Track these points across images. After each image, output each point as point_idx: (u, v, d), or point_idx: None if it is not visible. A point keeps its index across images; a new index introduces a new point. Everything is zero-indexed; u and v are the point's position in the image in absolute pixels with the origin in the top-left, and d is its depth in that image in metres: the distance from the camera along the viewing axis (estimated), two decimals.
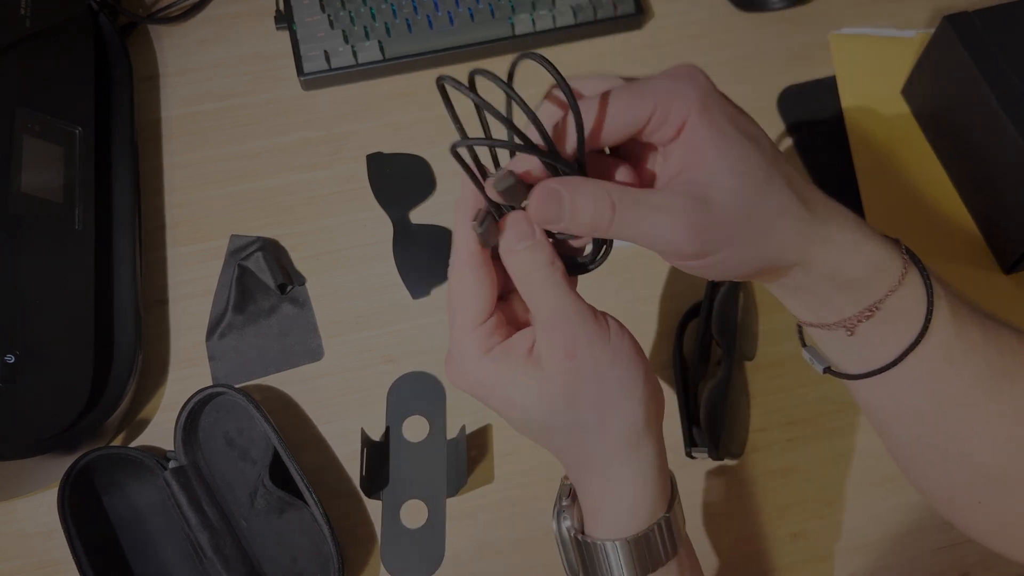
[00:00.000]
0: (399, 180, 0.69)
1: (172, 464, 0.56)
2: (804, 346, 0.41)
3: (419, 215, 0.67)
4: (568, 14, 0.73)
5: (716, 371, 0.58)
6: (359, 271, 0.65)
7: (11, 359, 0.53)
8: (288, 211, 0.68)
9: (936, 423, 0.36)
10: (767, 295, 0.58)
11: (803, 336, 0.40)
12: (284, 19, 0.74)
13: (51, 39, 0.64)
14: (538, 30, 0.73)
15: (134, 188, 0.66)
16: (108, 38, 0.71)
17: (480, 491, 0.58)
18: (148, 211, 0.68)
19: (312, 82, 0.72)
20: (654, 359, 0.62)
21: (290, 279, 0.64)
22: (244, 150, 0.70)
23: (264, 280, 0.63)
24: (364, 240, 0.67)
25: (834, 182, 0.67)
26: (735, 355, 0.58)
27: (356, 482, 0.58)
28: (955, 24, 0.61)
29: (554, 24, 0.73)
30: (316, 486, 0.54)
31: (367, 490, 0.56)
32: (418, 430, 0.60)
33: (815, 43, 0.74)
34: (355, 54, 0.72)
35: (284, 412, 0.61)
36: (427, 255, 0.66)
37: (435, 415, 0.60)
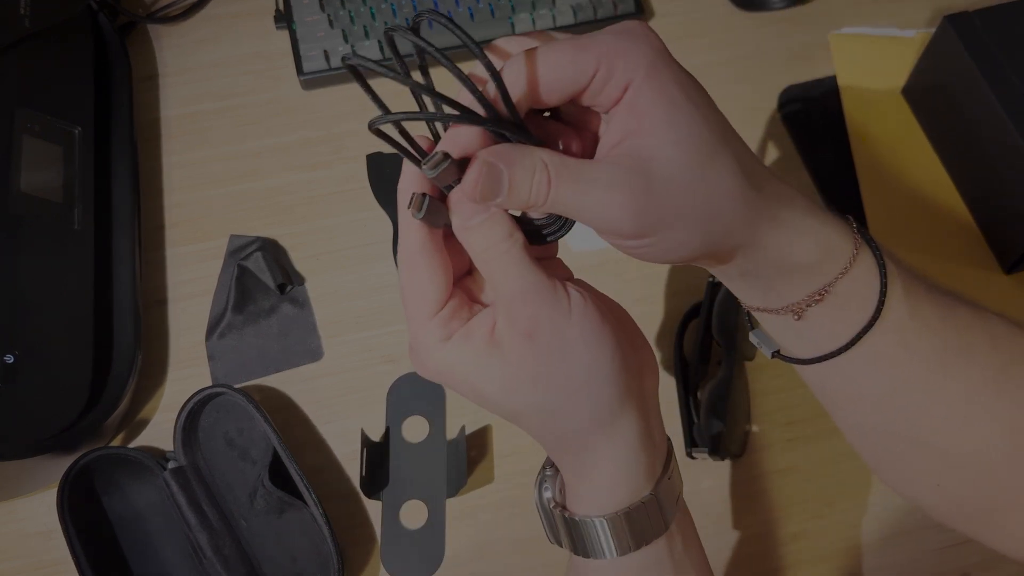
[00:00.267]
0: (398, 180, 0.69)
1: (172, 464, 0.56)
2: (752, 329, 0.39)
3: None
4: (568, 13, 0.73)
5: (716, 371, 0.58)
6: (359, 271, 0.65)
7: (11, 359, 0.53)
8: (288, 211, 0.68)
9: (891, 407, 0.35)
10: None
11: (751, 319, 0.39)
12: (284, 18, 0.74)
13: (51, 39, 0.64)
14: (538, 29, 0.73)
15: (133, 188, 0.66)
16: (107, 38, 0.71)
17: (480, 491, 0.58)
18: (147, 211, 0.68)
19: (312, 82, 0.72)
20: None
21: (290, 279, 0.64)
22: (244, 150, 0.70)
23: (264, 280, 0.63)
24: (364, 240, 0.67)
25: (835, 182, 0.67)
26: (735, 355, 0.58)
27: (356, 482, 0.58)
28: (955, 24, 0.61)
29: (554, 23, 0.73)
30: (316, 486, 0.54)
31: (367, 490, 0.56)
32: (418, 430, 0.60)
33: (815, 43, 0.74)
34: (355, 54, 0.71)
35: (284, 412, 0.61)
36: None
37: (435, 415, 0.60)
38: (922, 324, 0.34)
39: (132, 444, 0.60)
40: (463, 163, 0.30)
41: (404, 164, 0.32)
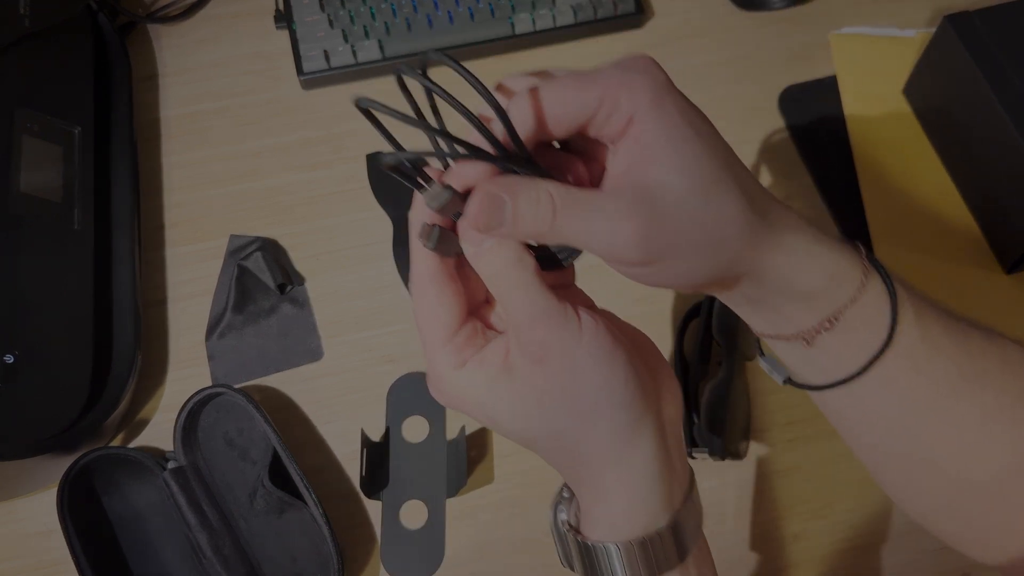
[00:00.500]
0: (398, 180, 0.69)
1: (171, 464, 0.56)
2: (761, 356, 0.39)
3: None
4: (568, 13, 0.73)
5: (717, 371, 0.58)
6: (359, 271, 0.65)
7: (10, 359, 0.53)
8: (287, 211, 0.68)
9: (904, 431, 0.35)
10: None
11: (761, 345, 0.39)
12: (284, 18, 0.74)
13: (50, 39, 0.64)
14: (538, 29, 0.73)
15: (133, 188, 0.66)
16: (107, 38, 0.71)
17: (480, 491, 0.58)
18: (147, 211, 0.68)
19: (312, 81, 0.72)
20: None
21: (289, 279, 0.64)
22: (243, 150, 0.70)
23: (264, 280, 0.63)
24: (364, 240, 0.66)
25: (835, 182, 0.67)
26: (736, 355, 0.58)
27: (356, 482, 0.58)
28: (956, 24, 0.61)
29: (554, 23, 0.73)
30: (316, 486, 0.54)
31: (367, 490, 0.56)
32: (418, 430, 0.60)
33: (816, 43, 0.74)
34: (355, 53, 0.72)
35: (284, 412, 0.61)
36: None
37: (435, 416, 0.60)
38: (934, 349, 0.34)
39: (132, 444, 0.60)
40: (460, 199, 0.30)
41: (415, 195, 0.32)
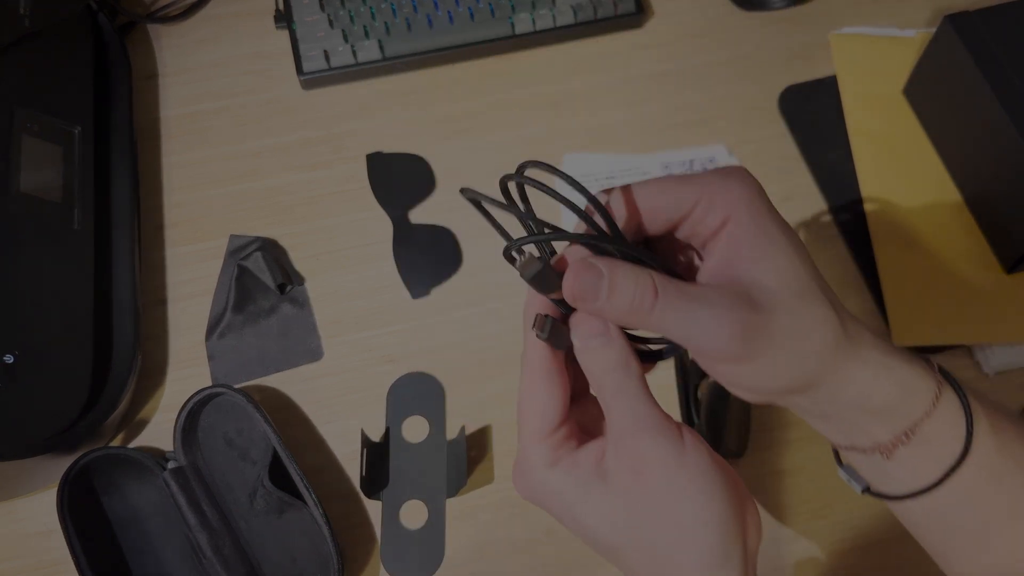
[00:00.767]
0: (399, 180, 0.69)
1: (171, 464, 0.56)
2: (840, 465, 0.39)
3: (419, 215, 0.67)
4: (568, 13, 0.73)
5: None
6: (359, 271, 0.65)
7: (10, 359, 0.53)
8: (287, 211, 0.68)
9: (984, 540, 0.35)
10: None
11: (838, 454, 0.38)
12: (283, 18, 0.74)
13: (50, 39, 0.64)
14: (538, 29, 0.73)
15: (133, 188, 0.66)
16: (107, 37, 0.71)
17: (480, 491, 0.58)
18: (147, 211, 0.68)
19: (312, 81, 0.72)
20: None
21: (289, 279, 0.64)
22: (243, 150, 0.70)
23: (263, 280, 0.63)
24: (364, 240, 0.66)
25: (835, 182, 0.67)
26: None
27: (356, 483, 0.58)
28: (956, 24, 0.61)
29: (554, 23, 0.73)
30: (316, 486, 0.54)
31: (367, 491, 0.56)
32: (418, 430, 0.60)
33: (816, 43, 0.74)
34: (355, 53, 0.72)
35: (284, 412, 0.61)
36: (427, 255, 0.65)
37: (435, 415, 0.60)
38: (1011, 459, 0.34)
39: (132, 444, 0.60)
40: (556, 276, 0.31)
41: (528, 288, 0.32)
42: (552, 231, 0.31)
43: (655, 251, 0.34)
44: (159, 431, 0.60)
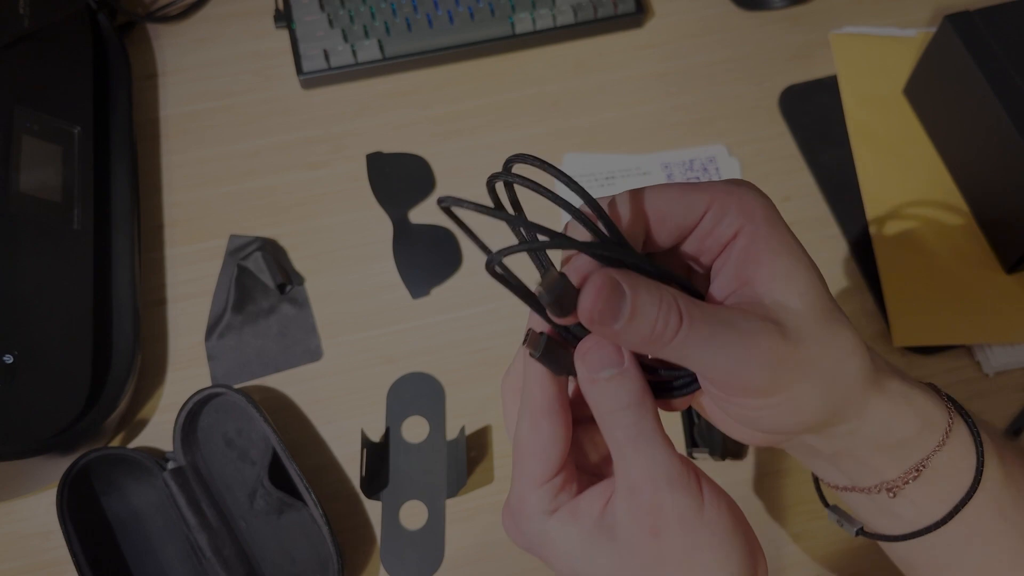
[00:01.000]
0: (398, 179, 0.69)
1: (171, 465, 0.56)
2: (827, 507, 0.36)
3: (419, 214, 0.67)
4: (568, 13, 0.73)
5: None
6: (358, 271, 0.65)
7: (9, 359, 0.53)
8: (287, 211, 0.68)
9: None
10: None
11: (822, 493, 0.36)
12: (283, 18, 0.74)
13: (49, 38, 0.64)
14: (538, 29, 0.73)
15: (132, 187, 0.66)
16: (106, 37, 0.71)
17: (480, 492, 0.58)
18: (147, 210, 0.68)
19: (311, 81, 0.72)
20: None
21: (289, 279, 0.64)
22: (243, 149, 0.70)
23: (263, 280, 0.63)
24: (363, 240, 0.66)
25: (836, 182, 0.67)
26: None
27: (356, 483, 0.58)
28: (956, 23, 0.61)
29: (554, 23, 0.73)
30: (315, 487, 0.54)
31: (367, 491, 0.56)
32: (418, 431, 0.60)
33: (816, 42, 0.74)
34: (354, 53, 0.71)
35: (283, 412, 0.61)
36: (427, 255, 0.65)
37: (435, 416, 0.60)
38: (1019, 493, 0.32)
39: (131, 444, 0.60)
40: (574, 295, 0.26)
41: (530, 313, 0.29)
42: (548, 238, 0.25)
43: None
44: (159, 431, 0.60)
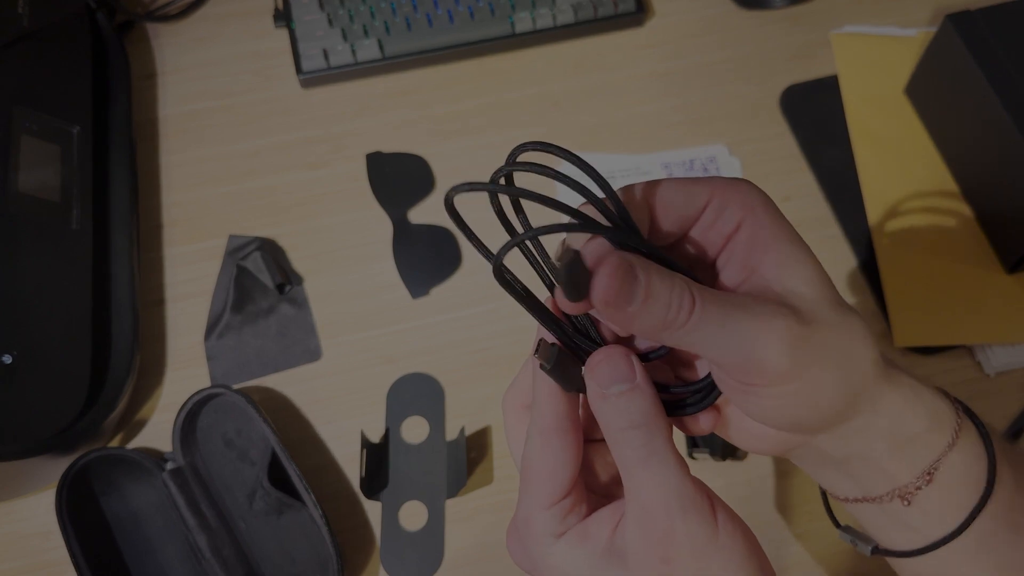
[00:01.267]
0: (398, 179, 0.68)
1: (170, 465, 0.56)
2: (839, 527, 0.35)
3: (418, 214, 0.67)
4: (568, 12, 0.73)
5: None
6: (358, 271, 0.65)
7: (8, 360, 0.52)
8: (286, 211, 0.67)
9: None
10: None
11: (831, 511, 0.35)
12: (282, 17, 0.74)
13: (48, 38, 0.64)
14: (538, 28, 0.73)
15: (131, 187, 0.66)
16: (106, 36, 0.71)
17: (479, 492, 0.58)
18: (146, 210, 0.67)
19: (311, 80, 0.72)
20: None
21: (288, 279, 0.64)
22: (242, 149, 0.70)
23: (262, 280, 0.63)
24: (363, 240, 0.66)
25: (837, 181, 0.67)
26: None
27: (355, 483, 0.58)
28: (957, 23, 0.61)
29: (554, 22, 0.73)
30: (315, 487, 0.54)
31: (366, 491, 0.56)
32: (417, 431, 0.59)
33: (817, 42, 0.73)
34: (354, 52, 0.71)
35: (283, 413, 0.61)
36: (427, 255, 0.65)
37: (435, 416, 0.60)
38: None
39: (130, 445, 0.59)
40: (587, 279, 0.25)
41: (539, 329, 0.28)
42: (576, 221, 0.25)
43: None
44: (158, 431, 0.60)
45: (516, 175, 0.26)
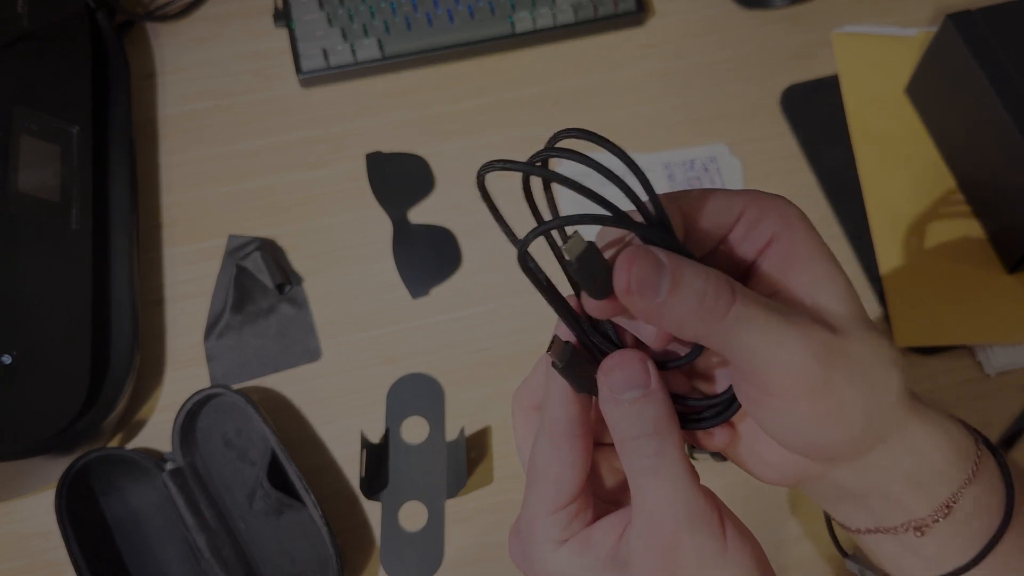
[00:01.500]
0: (398, 179, 0.68)
1: (170, 465, 0.56)
2: (845, 556, 0.34)
3: (418, 214, 0.67)
4: (568, 12, 0.72)
5: None
6: (358, 271, 0.65)
7: (8, 360, 0.52)
8: (286, 210, 0.67)
9: None
10: None
11: (837, 539, 0.34)
12: (282, 17, 0.74)
13: (48, 37, 0.64)
14: (538, 28, 0.73)
15: (131, 187, 0.66)
16: (105, 36, 0.71)
17: (479, 493, 0.58)
18: (145, 210, 0.67)
19: (310, 80, 0.72)
20: None
21: (288, 279, 0.64)
22: (242, 149, 0.70)
23: (262, 280, 0.63)
24: (363, 240, 0.66)
25: (837, 181, 0.67)
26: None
27: (355, 484, 0.58)
28: (957, 23, 0.61)
29: (554, 22, 0.73)
30: (315, 487, 0.54)
31: (366, 492, 0.56)
32: (417, 431, 0.59)
33: (817, 41, 0.73)
34: (354, 52, 0.71)
35: (282, 413, 0.61)
36: (427, 254, 0.65)
37: (434, 416, 0.60)
38: None
39: (130, 445, 0.59)
40: (606, 269, 0.25)
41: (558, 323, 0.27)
42: (608, 213, 0.24)
43: None
44: (157, 432, 0.60)
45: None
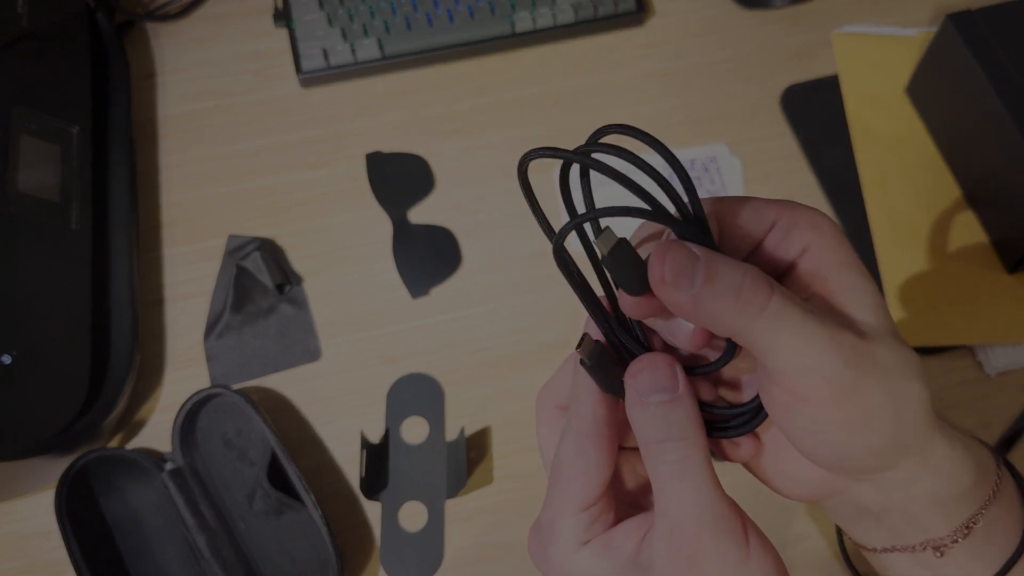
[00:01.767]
0: (398, 179, 0.68)
1: (169, 465, 0.56)
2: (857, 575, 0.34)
3: (418, 214, 0.67)
4: (568, 12, 0.72)
5: None
6: (358, 271, 0.65)
7: (7, 360, 0.52)
8: (286, 210, 0.67)
9: None
10: None
11: (850, 559, 0.33)
12: (282, 17, 0.74)
13: (48, 37, 0.64)
14: (538, 28, 0.73)
15: (131, 187, 0.65)
16: (105, 36, 0.71)
17: (479, 493, 0.58)
18: (145, 210, 0.67)
19: (310, 80, 0.72)
20: None
21: (288, 279, 0.64)
22: (242, 149, 0.70)
23: (262, 280, 0.63)
24: (363, 240, 0.66)
25: (838, 181, 0.67)
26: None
27: (355, 484, 0.58)
28: (958, 23, 0.61)
29: (554, 22, 0.73)
30: (315, 487, 0.54)
31: (366, 492, 0.56)
32: (417, 431, 0.59)
33: (818, 41, 0.73)
34: (354, 52, 0.71)
35: (282, 413, 0.61)
36: (427, 255, 0.65)
37: (434, 416, 0.60)
38: None
39: (130, 445, 0.59)
40: (638, 266, 0.25)
41: (587, 320, 0.27)
42: (648, 207, 0.24)
43: None
44: (157, 432, 0.60)
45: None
